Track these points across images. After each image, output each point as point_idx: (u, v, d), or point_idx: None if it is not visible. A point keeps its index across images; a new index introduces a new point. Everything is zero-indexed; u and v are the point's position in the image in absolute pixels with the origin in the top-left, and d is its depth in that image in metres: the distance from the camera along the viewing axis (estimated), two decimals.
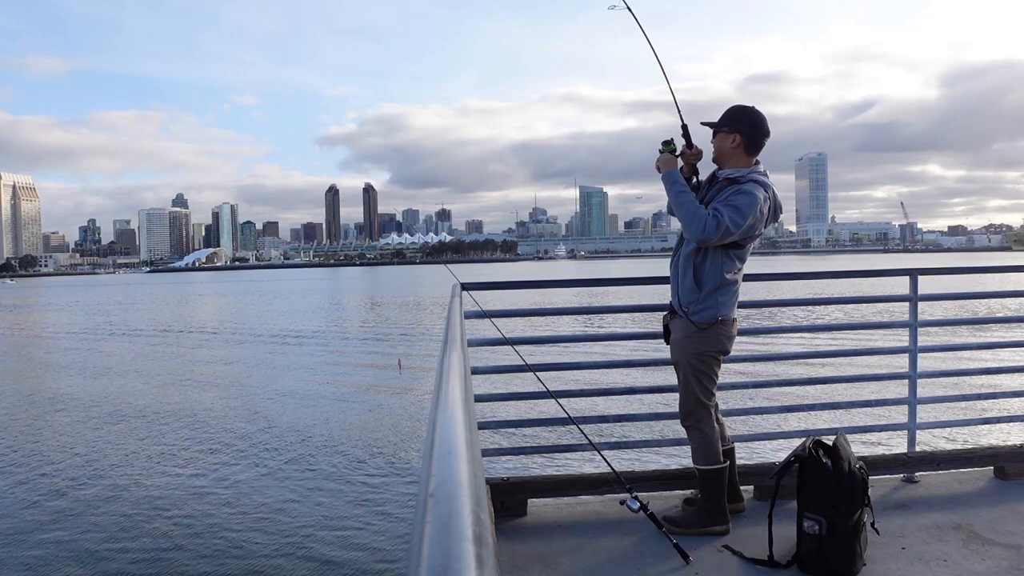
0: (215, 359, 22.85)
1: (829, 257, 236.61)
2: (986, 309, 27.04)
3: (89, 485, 9.63)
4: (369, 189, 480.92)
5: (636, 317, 23.81)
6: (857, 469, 3.03)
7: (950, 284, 25.47)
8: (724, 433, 3.63)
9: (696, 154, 3.49)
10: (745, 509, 3.62)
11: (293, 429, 12.52)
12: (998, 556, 3.09)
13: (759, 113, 3.45)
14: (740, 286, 3.49)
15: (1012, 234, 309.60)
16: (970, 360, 12.29)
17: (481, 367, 4.10)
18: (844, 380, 5.15)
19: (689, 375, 3.46)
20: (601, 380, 8.03)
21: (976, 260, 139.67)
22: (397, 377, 17.40)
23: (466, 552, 0.55)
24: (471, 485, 0.71)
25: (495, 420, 5.26)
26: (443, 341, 1.98)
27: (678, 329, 3.49)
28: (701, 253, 3.37)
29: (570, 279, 5.03)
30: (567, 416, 3.60)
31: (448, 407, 1.07)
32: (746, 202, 3.26)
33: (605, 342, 16.99)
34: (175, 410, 14.50)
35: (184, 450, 11.29)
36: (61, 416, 14.32)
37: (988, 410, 8.35)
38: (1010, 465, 4.07)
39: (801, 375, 7.06)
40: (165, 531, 7.91)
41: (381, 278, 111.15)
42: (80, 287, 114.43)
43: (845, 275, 5.74)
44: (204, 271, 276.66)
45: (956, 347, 5.79)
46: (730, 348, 3.52)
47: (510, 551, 3.23)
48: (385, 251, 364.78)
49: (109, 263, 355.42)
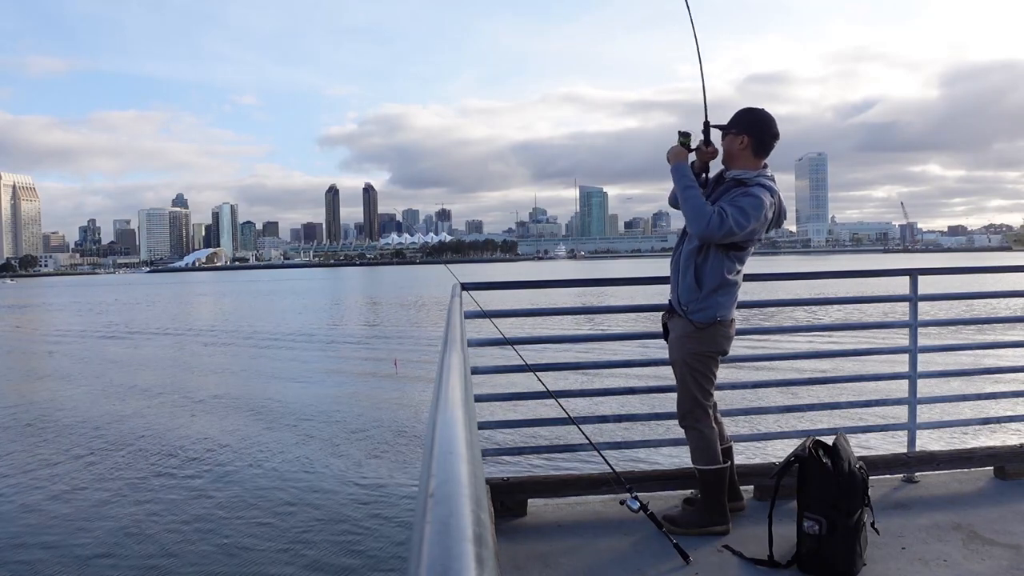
0: (215, 360, 22.84)
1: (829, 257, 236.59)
2: (986, 309, 27.02)
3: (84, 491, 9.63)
4: (369, 189, 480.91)
5: (636, 317, 23.78)
6: (857, 469, 3.03)
7: (950, 284, 25.44)
8: (723, 433, 3.63)
9: (712, 152, 3.47)
10: (745, 508, 3.62)
11: (292, 429, 12.51)
12: (998, 556, 3.09)
13: (768, 115, 3.43)
14: (740, 287, 3.49)
15: (1012, 234, 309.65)
16: (970, 360, 12.27)
17: (481, 367, 4.10)
18: (844, 380, 5.16)
19: (687, 375, 3.46)
20: (601, 380, 8.02)
21: (976, 260, 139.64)
22: (395, 377, 17.40)
23: (466, 552, 0.55)
24: (471, 485, 0.71)
25: (495, 420, 5.25)
26: (443, 341, 1.98)
27: (676, 328, 3.48)
28: (703, 252, 3.36)
29: (570, 279, 5.03)
30: (567, 416, 3.60)
31: (448, 407, 1.07)
32: (752, 204, 3.26)
33: (605, 342, 16.99)
34: (176, 410, 14.50)
35: (181, 449, 11.28)
36: (60, 415, 14.32)
37: (988, 410, 8.33)
38: (1010, 465, 4.07)
39: (801, 375, 7.05)
40: (160, 533, 7.90)
41: (381, 278, 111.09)
42: (81, 287, 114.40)
43: (845, 275, 5.74)
44: (204, 271, 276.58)
45: (956, 347, 5.78)
46: (728, 349, 3.52)
47: (510, 551, 3.23)
48: (385, 251, 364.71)
49: (109, 263, 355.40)
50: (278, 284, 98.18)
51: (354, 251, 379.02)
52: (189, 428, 12.90)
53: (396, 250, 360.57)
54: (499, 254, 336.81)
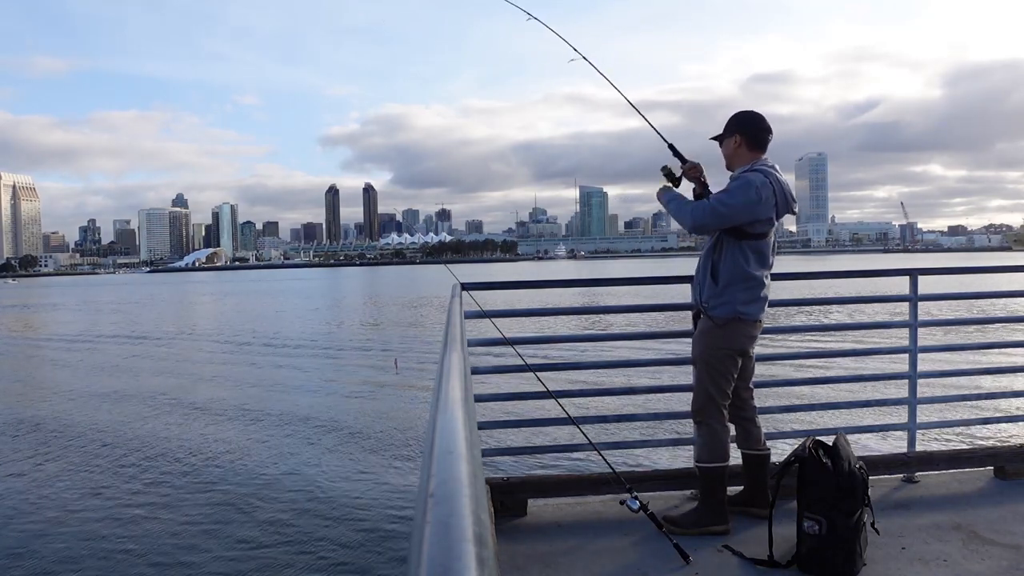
0: (215, 360, 22.85)
1: (829, 257, 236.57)
2: (986, 309, 27.02)
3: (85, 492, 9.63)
4: (369, 189, 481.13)
5: (636, 317, 23.79)
6: (857, 469, 3.03)
7: (950, 284, 25.44)
8: (759, 436, 3.62)
9: (694, 167, 3.57)
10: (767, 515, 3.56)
11: (292, 429, 12.51)
12: (998, 556, 3.09)
13: (756, 112, 3.58)
14: (766, 288, 3.45)
15: (1012, 234, 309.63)
16: (970, 360, 12.27)
17: (481, 367, 4.10)
18: (844, 380, 5.15)
19: (703, 371, 3.49)
20: (601, 380, 8.03)
21: (976, 260, 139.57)
22: (394, 377, 17.40)
23: (466, 552, 0.55)
24: (471, 485, 0.71)
25: (495, 420, 5.26)
26: (443, 341, 1.99)
27: (699, 325, 3.55)
28: (718, 249, 3.42)
29: (570, 279, 5.03)
30: (567, 416, 3.61)
31: (448, 407, 1.07)
32: (737, 186, 3.37)
33: (605, 342, 16.99)
34: (175, 411, 14.50)
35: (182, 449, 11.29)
36: (61, 419, 14.32)
37: (988, 410, 8.34)
38: (1010, 465, 4.07)
39: (801, 375, 7.06)
40: (160, 534, 7.91)
41: (381, 278, 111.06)
42: (82, 287, 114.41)
43: (845, 275, 5.75)
44: (204, 271, 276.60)
45: (956, 347, 5.79)
46: (749, 348, 3.51)
47: (510, 551, 3.23)
48: (385, 251, 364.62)
49: (109, 263, 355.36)
50: (278, 284, 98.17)
51: (354, 251, 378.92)
52: (195, 431, 12.90)
53: (396, 250, 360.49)
54: (499, 254, 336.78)
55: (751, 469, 3.60)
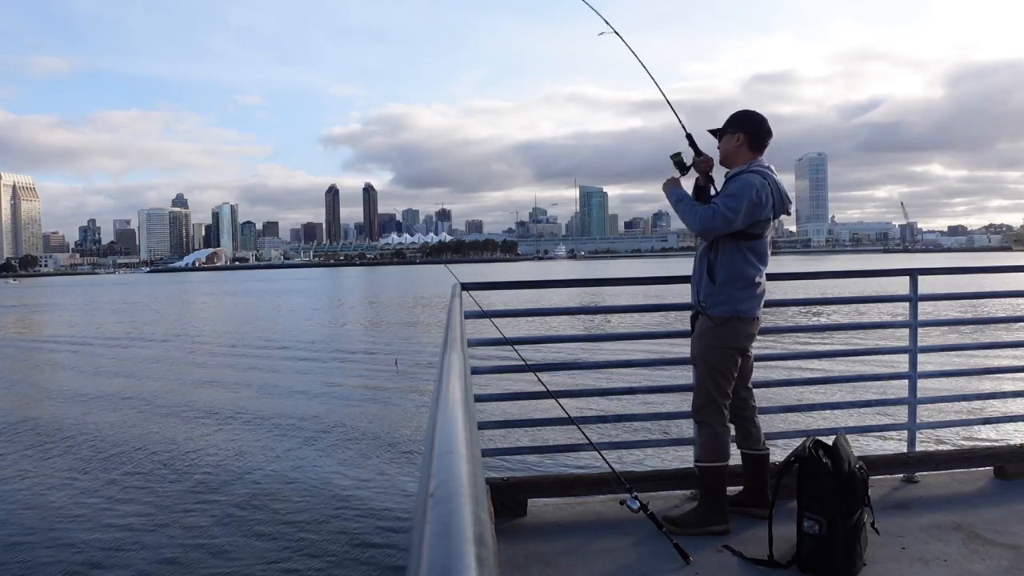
0: (215, 360, 22.85)
1: (829, 257, 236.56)
2: (986, 309, 27.02)
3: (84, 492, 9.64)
4: (369, 189, 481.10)
5: (636, 317, 23.80)
6: (857, 469, 3.03)
7: (950, 284, 25.43)
8: (759, 436, 3.63)
9: (706, 160, 3.60)
10: (768, 516, 3.55)
11: (292, 429, 12.51)
12: (998, 556, 3.09)
13: (760, 114, 3.59)
14: (763, 286, 3.49)
15: (1012, 234, 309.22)
16: (970, 360, 12.27)
17: (481, 367, 4.10)
18: (844, 380, 5.15)
19: (703, 371, 3.50)
20: (601, 380, 8.03)
21: (976, 260, 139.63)
22: (395, 377, 17.39)
23: (466, 552, 0.55)
24: (471, 485, 0.71)
25: (495, 420, 5.25)
26: (443, 341, 1.98)
27: (698, 325, 3.56)
28: (714, 248, 3.44)
29: (570, 279, 5.03)
30: (567, 416, 3.61)
31: (448, 407, 1.07)
32: (739, 187, 3.37)
33: (605, 342, 16.98)
34: (176, 411, 14.50)
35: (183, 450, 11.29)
36: (61, 419, 14.33)
37: (988, 410, 8.34)
38: (1010, 465, 4.07)
39: (801, 375, 7.05)
40: (161, 534, 7.91)
41: (381, 278, 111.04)
42: (82, 287, 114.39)
43: (845, 275, 5.74)
44: (204, 271, 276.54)
45: (956, 347, 5.80)
46: (748, 347, 3.55)
47: (510, 551, 3.23)
48: (385, 251, 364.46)
49: (109, 263, 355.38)
50: (278, 284, 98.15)
51: (354, 251, 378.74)
52: (195, 431, 12.90)
53: (396, 250, 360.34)
54: (499, 254, 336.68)
55: (751, 469, 3.61)
